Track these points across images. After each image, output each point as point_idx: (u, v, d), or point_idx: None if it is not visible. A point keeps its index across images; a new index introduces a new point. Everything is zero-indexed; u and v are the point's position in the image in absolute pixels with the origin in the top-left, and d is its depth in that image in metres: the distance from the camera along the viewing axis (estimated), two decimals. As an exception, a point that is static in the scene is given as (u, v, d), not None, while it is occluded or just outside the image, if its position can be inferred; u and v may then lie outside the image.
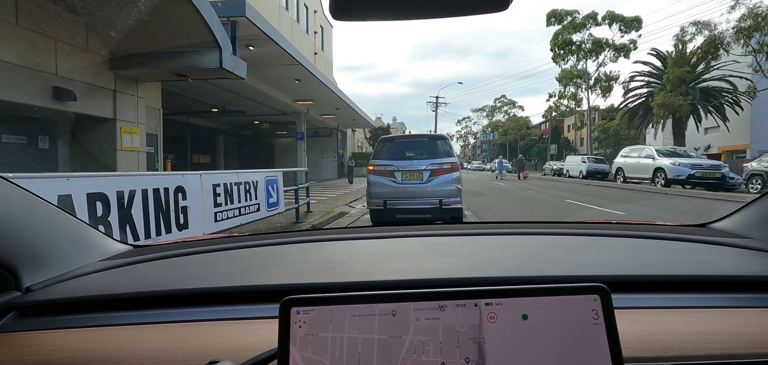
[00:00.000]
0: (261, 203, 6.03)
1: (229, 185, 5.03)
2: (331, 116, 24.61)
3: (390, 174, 6.51)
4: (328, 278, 0.79)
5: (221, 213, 4.82)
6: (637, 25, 27.93)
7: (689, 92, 22.43)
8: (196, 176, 4.30)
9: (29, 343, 0.66)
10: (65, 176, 2.84)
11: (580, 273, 0.77)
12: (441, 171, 6.47)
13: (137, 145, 9.20)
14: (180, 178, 3.96)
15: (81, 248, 0.92)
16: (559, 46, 30.54)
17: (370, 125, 32.51)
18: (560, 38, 30.34)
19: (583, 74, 31.08)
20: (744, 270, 0.79)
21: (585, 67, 30.91)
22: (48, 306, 0.73)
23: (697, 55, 21.17)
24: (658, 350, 0.60)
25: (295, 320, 0.49)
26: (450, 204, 6.36)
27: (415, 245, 1.03)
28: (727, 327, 0.64)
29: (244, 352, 0.59)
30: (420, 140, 7.06)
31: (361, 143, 41.20)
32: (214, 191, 4.70)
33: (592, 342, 0.48)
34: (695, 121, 25.47)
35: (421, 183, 6.47)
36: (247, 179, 5.59)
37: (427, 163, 6.53)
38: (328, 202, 12.17)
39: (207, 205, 4.47)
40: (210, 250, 1.03)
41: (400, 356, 0.48)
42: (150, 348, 0.63)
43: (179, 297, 0.75)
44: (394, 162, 6.55)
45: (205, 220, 4.40)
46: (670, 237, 1.02)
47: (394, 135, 8.99)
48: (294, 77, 14.92)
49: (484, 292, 0.50)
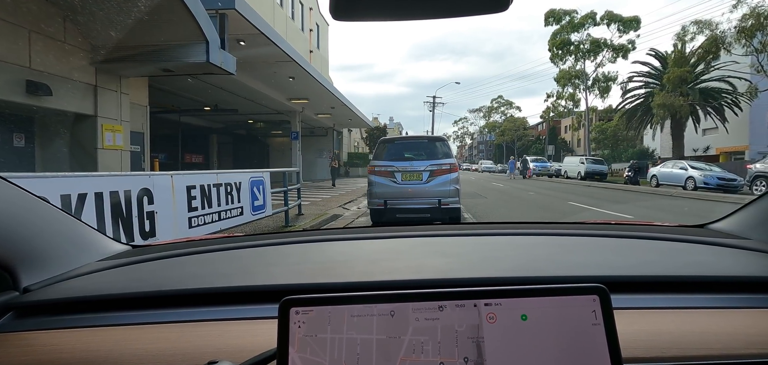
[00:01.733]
0: (245, 206, 5.60)
1: (206, 186, 4.61)
2: (326, 116, 24.18)
3: (390, 175, 6.61)
4: (328, 278, 0.79)
5: (197, 218, 4.38)
6: (636, 25, 27.70)
7: (689, 92, 22.13)
8: (166, 176, 3.87)
9: (27, 343, 0.65)
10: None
11: (579, 274, 0.77)
12: (440, 172, 6.59)
13: (120, 143, 8.76)
14: (145, 179, 3.53)
15: (79, 248, 0.92)
16: (557, 46, 30.26)
17: (366, 125, 32.10)
18: (558, 38, 30.05)
19: (581, 75, 30.81)
20: (743, 271, 0.79)
21: (583, 68, 30.64)
22: (46, 306, 0.73)
23: (698, 54, 20.75)
24: (657, 350, 0.60)
25: (295, 320, 0.49)
26: (449, 204, 6.50)
27: (414, 246, 1.03)
28: (726, 328, 0.64)
29: (244, 352, 0.59)
30: (419, 141, 7.23)
31: (358, 143, 40.75)
32: (189, 193, 4.27)
33: (591, 343, 0.48)
34: (694, 122, 25.21)
35: (421, 183, 6.58)
36: (228, 181, 5.16)
37: (426, 164, 6.64)
38: (323, 203, 11.80)
39: (179, 209, 4.04)
40: (209, 250, 1.03)
41: (399, 356, 0.48)
42: (149, 349, 0.63)
43: (178, 297, 0.75)
44: (395, 163, 6.66)
45: (177, 226, 3.96)
46: (669, 238, 1.02)
47: (394, 136, 9.00)
48: (288, 75, 14.50)
49: (484, 292, 0.50)
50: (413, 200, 6.56)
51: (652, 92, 25.82)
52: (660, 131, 26.50)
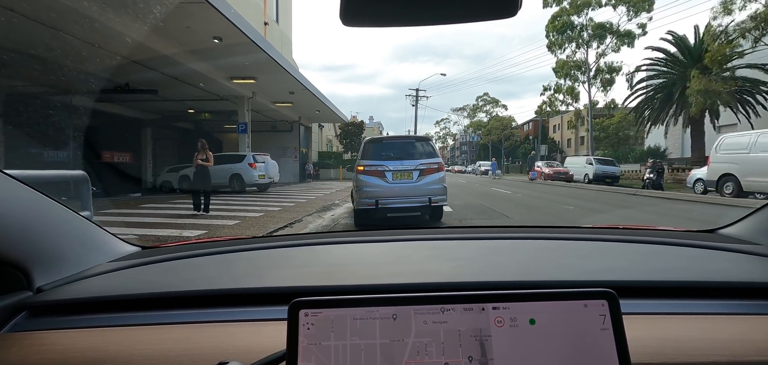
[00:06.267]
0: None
1: None
2: (287, 105, 19.66)
3: (381, 174, 6.63)
4: (336, 281, 0.80)
5: None
6: (649, 5, 24.12)
7: (731, 77, 18.46)
8: None
9: (40, 343, 0.66)
10: None
11: (588, 278, 0.77)
12: (429, 171, 6.74)
13: None
14: None
15: (91, 249, 0.93)
16: (557, 31, 26.55)
17: (339, 119, 27.66)
18: (559, 21, 26.33)
19: (582, 64, 27.20)
20: (753, 276, 0.77)
21: (586, 57, 27.04)
22: (59, 306, 0.74)
23: (743, 29, 16.82)
24: (666, 356, 0.60)
25: (304, 322, 0.49)
26: (437, 202, 6.76)
27: (419, 249, 1.03)
28: (736, 334, 0.63)
29: (253, 354, 0.59)
30: (406, 141, 7.31)
31: (331, 139, 36.14)
32: None
33: (599, 348, 0.48)
34: (712, 117, 21.86)
35: (412, 183, 6.68)
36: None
37: (416, 163, 6.75)
38: (277, 216, 7.96)
39: None
40: (218, 252, 1.03)
41: (403, 359, 0.48)
42: (159, 349, 0.63)
43: (188, 298, 0.76)
44: (386, 163, 6.69)
45: None
46: (678, 243, 1.01)
47: (380, 136, 9.15)
48: (211, 34, 10.01)
49: (492, 296, 0.50)
50: (405, 199, 6.65)
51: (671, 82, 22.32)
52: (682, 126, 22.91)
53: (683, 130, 23.85)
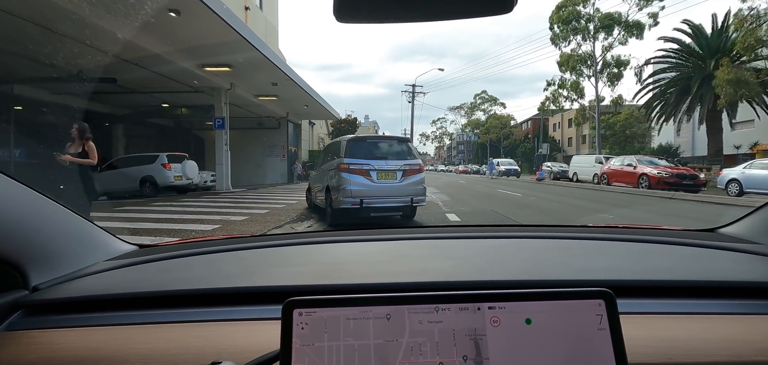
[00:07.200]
0: None
1: None
2: (271, 99, 17.89)
3: (366, 173, 6.57)
4: (331, 280, 0.80)
5: None
6: (662, -8, 22.54)
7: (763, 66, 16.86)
8: None
9: (36, 341, 0.66)
10: None
11: (585, 278, 0.76)
12: (411, 171, 6.88)
13: None
14: None
15: (88, 247, 0.92)
16: (563, 22, 24.96)
17: (331, 115, 25.92)
18: (564, 12, 24.73)
19: (589, 58, 25.63)
20: (753, 276, 0.77)
21: (592, 49, 25.47)
22: (55, 304, 0.73)
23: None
24: (664, 356, 0.60)
25: (298, 321, 0.49)
26: (418, 202, 6.95)
27: (417, 248, 1.02)
28: (736, 334, 0.63)
29: (247, 353, 0.58)
30: (388, 141, 7.42)
31: (322, 137, 34.35)
32: None
33: (596, 348, 0.48)
34: (727, 114, 20.36)
35: (395, 183, 6.74)
36: None
37: (400, 163, 6.83)
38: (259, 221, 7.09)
39: None
40: (214, 251, 1.03)
41: (397, 359, 0.48)
42: (154, 348, 0.63)
43: (183, 297, 0.75)
44: (371, 162, 6.65)
45: None
46: (678, 242, 1.00)
47: (362, 135, 8.71)
48: (167, 6, 8.28)
49: (487, 295, 0.50)
50: (388, 199, 6.70)
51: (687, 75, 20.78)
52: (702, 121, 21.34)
53: (697, 126, 22.35)
